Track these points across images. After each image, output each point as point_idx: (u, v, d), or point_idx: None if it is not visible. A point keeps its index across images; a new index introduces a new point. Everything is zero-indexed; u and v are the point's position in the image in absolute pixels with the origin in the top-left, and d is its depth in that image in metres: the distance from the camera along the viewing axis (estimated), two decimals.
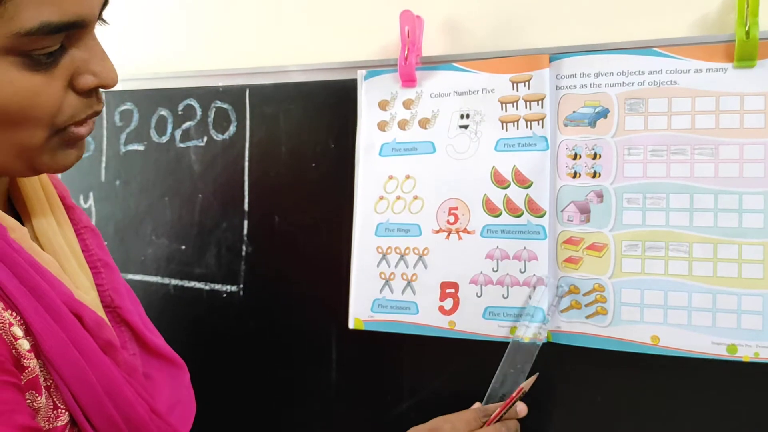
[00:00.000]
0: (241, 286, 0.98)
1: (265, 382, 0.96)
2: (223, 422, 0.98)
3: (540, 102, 0.81)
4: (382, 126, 0.89)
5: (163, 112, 1.03)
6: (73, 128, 0.50)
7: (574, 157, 0.80)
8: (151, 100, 1.04)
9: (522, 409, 0.74)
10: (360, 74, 0.90)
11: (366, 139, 0.90)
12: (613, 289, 0.77)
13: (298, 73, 0.94)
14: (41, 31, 0.44)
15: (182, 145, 1.02)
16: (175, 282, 1.02)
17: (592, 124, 0.79)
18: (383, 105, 0.89)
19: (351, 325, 0.89)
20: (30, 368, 0.48)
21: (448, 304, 0.84)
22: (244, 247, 0.97)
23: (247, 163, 0.97)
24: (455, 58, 0.86)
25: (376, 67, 0.90)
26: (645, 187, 0.77)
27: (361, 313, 0.89)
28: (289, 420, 0.95)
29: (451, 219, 0.85)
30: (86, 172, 1.08)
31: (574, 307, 0.79)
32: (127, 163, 1.06)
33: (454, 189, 0.85)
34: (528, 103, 0.82)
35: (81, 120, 0.51)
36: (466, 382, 0.83)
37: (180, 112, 1.02)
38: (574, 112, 0.80)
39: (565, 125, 0.80)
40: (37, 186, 0.59)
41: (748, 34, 0.71)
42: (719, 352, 0.73)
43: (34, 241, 0.56)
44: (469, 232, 0.84)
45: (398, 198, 0.88)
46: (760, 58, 0.72)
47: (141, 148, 1.05)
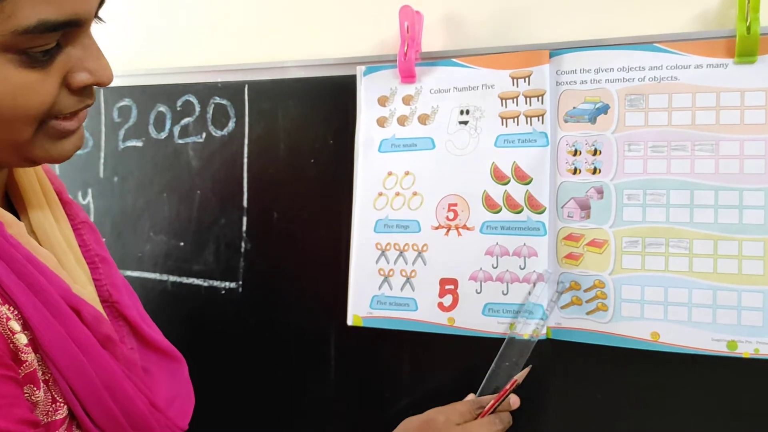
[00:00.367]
0: (240, 283, 0.97)
1: (264, 378, 0.96)
2: (223, 419, 0.98)
3: (540, 98, 0.81)
4: (382, 122, 0.89)
5: (162, 108, 1.03)
6: (59, 122, 0.50)
7: (575, 153, 0.79)
8: (149, 96, 1.04)
9: (515, 401, 0.74)
10: (359, 70, 0.90)
11: (365, 135, 0.89)
12: (614, 286, 0.77)
13: (297, 69, 0.94)
14: (38, 29, 0.44)
15: (181, 141, 1.01)
16: (173, 278, 1.01)
17: (593, 120, 0.79)
18: (382, 101, 0.89)
19: (350, 322, 0.89)
20: (28, 362, 0.49)
21: (448, 300, 0.84)
22: (243, 244, 0.97)
23: (246, 160, 0.97)
24: (455, 54, 0.86)
25: (375, 63, 0.89)
26: (645, 183, 0.76)
27: (359, 309, 0.89)
28: (287, 416, 0.95)
29: (451, 215, 0.85)
30: (84, 168, 1.08)
31: (574, 303, 0.79)
32: (126, 159, 1.05)
33: (453, 185, 0.85)
34: (528, 99, 0.81)
35: (68, 114, 0.51)
36: (465, 379, 0.82)
37: (178, 108, 1.02)
38: (575, 107, 0.80)
39: (566, 121, 0.80)
40: (34, 181, 0.59)
41: (749, 29, 0.71)
42: (719, 349, 0.73)
43: (32, 236, 0.56)
44: (468, 229, 0.84)
45: (397, 194, 0.88)
46: (761, 54, 0.72)
47: (139, 144, 1.04)
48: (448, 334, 0.84)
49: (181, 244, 1.01)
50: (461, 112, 0.85)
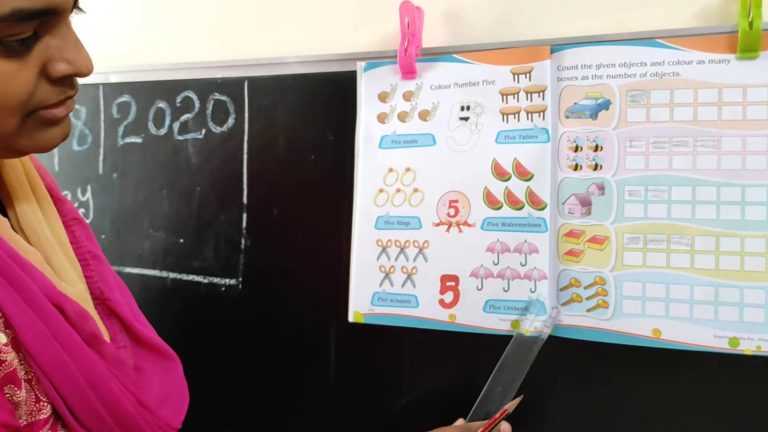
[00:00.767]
0: (240, 279, 0.97)
1: (264, 375, 0.96)
2: (222, 415, 0.98)
3: (541, 94, 0.80)
4: (382, 118, 0.89)
5: (161, 105, 1.02)
6: (45, 110, 0.49)
7: (576, 149, 0.79)
8: (148, 92, 1.03)
9: (506, 429, 0.73)
10: (359, 66, 0.89)
11: (365, 131, 0.89)
12: (615, 282, 0.77)
13: (297, 65, 0.93)
14: (12, 18, 0.43)
15: (180, 138, 1.01)
16: (173, 275, 1.01)
17: (594, 116, 0.78)
18: (383, 97, 0.89)
19: (351, 319, 0.89)
20: (7, 362, 0.48)
21: (449, 297, 0.84)
22: (243, 240, 0.97)
23: (246, 156, 0.97)
24: (455, 50, 0.85)
25: (375, 59, 0.89)
26: (647, 179, 0.76)
27: (360, 306, 0.89)
28: (288, 413, 0.95)
29: (452, 212, 0.84)
30: (84, 165, 1.08)
31: (574, 300, 0.79)
32: (125, 155, 1.05)
33: (454, 181, 0.84)
34: (529, 95, 0.81)
35: (53, 104, 0.50)
36: (466, 376, 0.82)
37: (178, 104, 1.01)
38: (576, 103, 0.79)
39: (567, 117, 0.80)
40: (21, 176, 0.58)
41: (751, 25, 0.71)
42: (721, 346, 0.73)
43: (19, 233, 0.55)
44: (469, 225, 0.83)
45: (398, 191, 0.87)
46: (763, 50, 0.72)
47: (139, 140, 1.04)
48: (449, 331, 0.84)
49: (181, 240, 1.00)
50: (462, 108, 0.85)
